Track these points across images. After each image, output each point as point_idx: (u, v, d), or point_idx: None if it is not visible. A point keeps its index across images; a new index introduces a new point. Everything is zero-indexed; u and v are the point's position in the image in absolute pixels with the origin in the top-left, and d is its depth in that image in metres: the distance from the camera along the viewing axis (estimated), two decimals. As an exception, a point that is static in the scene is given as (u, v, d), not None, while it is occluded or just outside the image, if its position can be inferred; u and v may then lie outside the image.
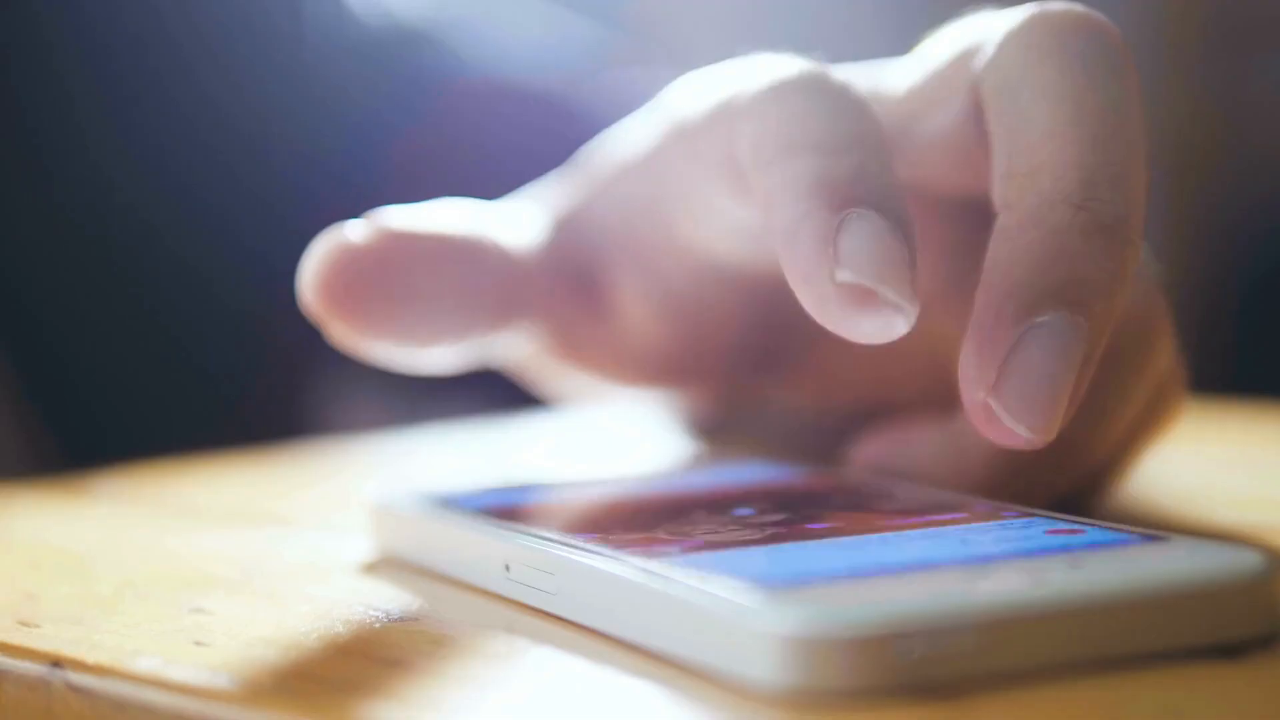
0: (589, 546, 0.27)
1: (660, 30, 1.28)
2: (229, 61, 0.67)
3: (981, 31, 0.31)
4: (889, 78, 0.34)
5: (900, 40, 0.38)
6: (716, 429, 0.42)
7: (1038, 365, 0.27)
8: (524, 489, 0.34)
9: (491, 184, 0.41)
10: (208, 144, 0.66)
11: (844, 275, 0.27)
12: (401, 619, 0.28)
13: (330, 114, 0.68)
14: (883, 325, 0.27)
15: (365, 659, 0.26)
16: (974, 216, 0.33)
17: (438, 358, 0.37)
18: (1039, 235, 0.27)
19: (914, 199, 0.33)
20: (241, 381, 0.67)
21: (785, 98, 0.30)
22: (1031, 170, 0.28)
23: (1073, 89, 0.28)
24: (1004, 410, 0.27)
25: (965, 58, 0.31)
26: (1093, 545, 0.25)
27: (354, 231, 0.35)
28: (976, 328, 0.27)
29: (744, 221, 0.32)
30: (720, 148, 0.32)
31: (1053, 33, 0.29)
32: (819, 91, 0.30)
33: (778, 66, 0.31)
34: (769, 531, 0.28)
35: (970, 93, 0.30)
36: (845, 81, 0.31)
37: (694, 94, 0.34)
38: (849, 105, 0.30)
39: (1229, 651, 0.23)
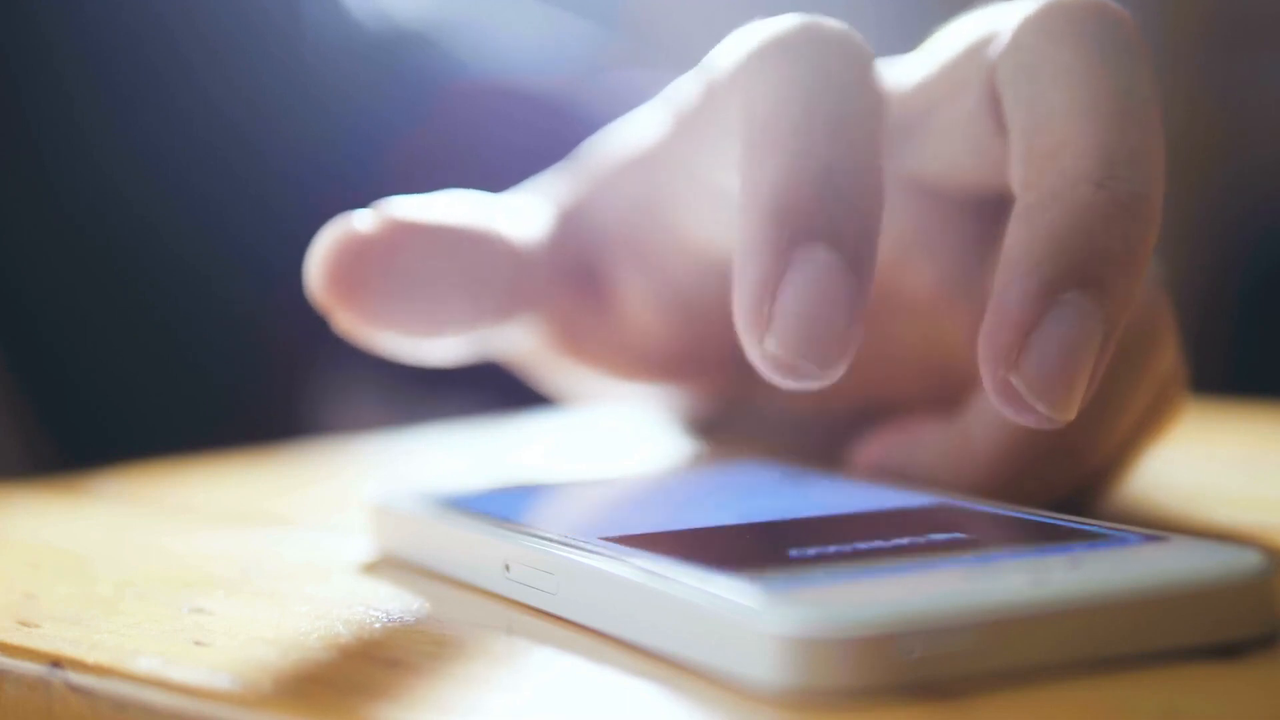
0: (589, 546, 0.27)
1: (659, 31, 1.28)
2: (229, 61, 0.67)
3: (995, 22, 0.31)
4: (898, 73, 0.34)
5: (902, 40, 0.38)
6: (717, 427, 0.42)
7: (1061, 343, 0.26)
8: (524, 489, 0.34)
9: (490, 185, 0.41)
10: (207, 144, 0.66)
11: (770, 347, 0.27)
12: (401, 619, 0.28)
13: (330, 115, 0.68)
14: (807, 385, 0.28)
15: (365, 659, 0.26)
16: (977, 218, 0.33)
17: (442, 349, 0.37)
18: (1060, 213, 0.27)
19: (921, 195, 0.33)
20: (241, 381, 0.67)
21: (774, 61, 0.30)
22: (1052, 150, 0.28)
23: (1091, 71, 0.28)
24: (1026, 388, 0.27)
25: (979, 47, 0.31)
26: (1093, 545, 0.25)
27: (361, 221, 0.35)
28: (997, 305, 0.27)
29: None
30: (715, 115, 0.32)
31: (1069, 18, 0.29)
32: (819, 55, 0.30)
33: (772, 23, 0.31)
34: (769, 531, 0.28)
35: (985, 82, 0.30)
36: (842, 38, 0.31)
37: (694, 83, 0.34)
38: (847, 76, 0.30)
39: (1229, 651, 0.23)
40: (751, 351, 0.28)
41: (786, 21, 0.31)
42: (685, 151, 0.34)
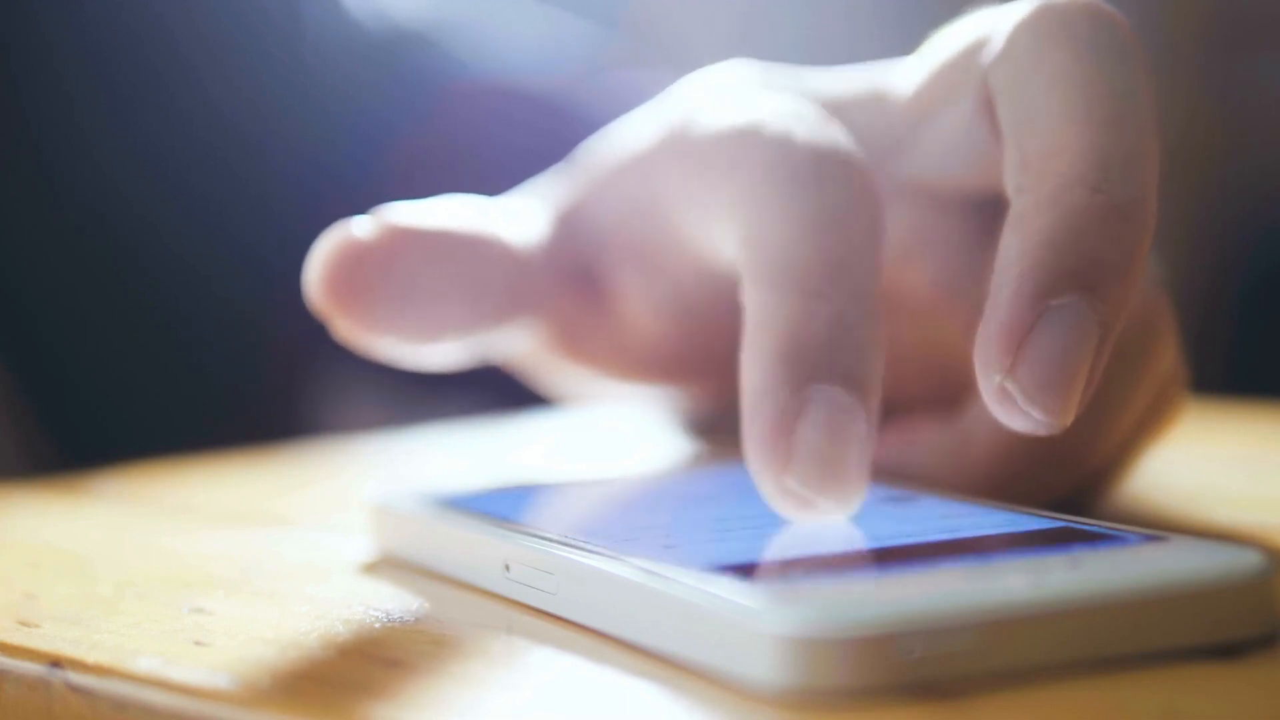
0: (589, 546, 0.27)
1: (658, 31, 1.28)
2: (229, 61, 0.67)
3: (988, 26, 0.31)
4: (893, 79, 0.34)
5: (901, 40, 0.38)
6: (717, 427, 0.42)
7: (1056, 348, 0.26)
8: (524, 489, 0.34)
9: (490, 185, 0.41)
10: (207, 144, 0.66)
11: (790, 484, 0.27)
12: (401, 619, 0.28)
13: (330, 115, 0.68)
14: (825, 517, 0.28)
15: (365, 659, 0.26)
16: (976, 218, 0.33)
17: (441, 354, 0.37)
18: (1055, 217, 0.27)
19: (920, 198, 0.33)
20: (241, 381, 0.67)
21: (786, 193, 0.30)
22: (1047, 154, 0.28)
23: (1085, 75, 0.28)
24: (1021, 394, 0.26)
25: (972, 52, 0.31)
26: (1092, 545, 0.25)
27: (359, 227, 0.35)
28: (992, 310, 0.27)
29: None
30: (717, 183, 0.32)
31: (1063, 22, 0.29)
32: (819, 185, 0.30)
33: (781, 117, 0.31)
34: (769, 531, 0.28)
35: (980, 86, 0.30)
36: (846, 155, 0.30)
37: (691, 102, 0.34)
38: (848, 202, 0.30)
39: (1229, 651, 0.23)
40: (767, 486, 0.28)
41: (782, 128, 0.31)
42: (683, 176, 0.34)
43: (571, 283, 0.38)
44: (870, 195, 0.30)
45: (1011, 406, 0.27)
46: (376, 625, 0.27)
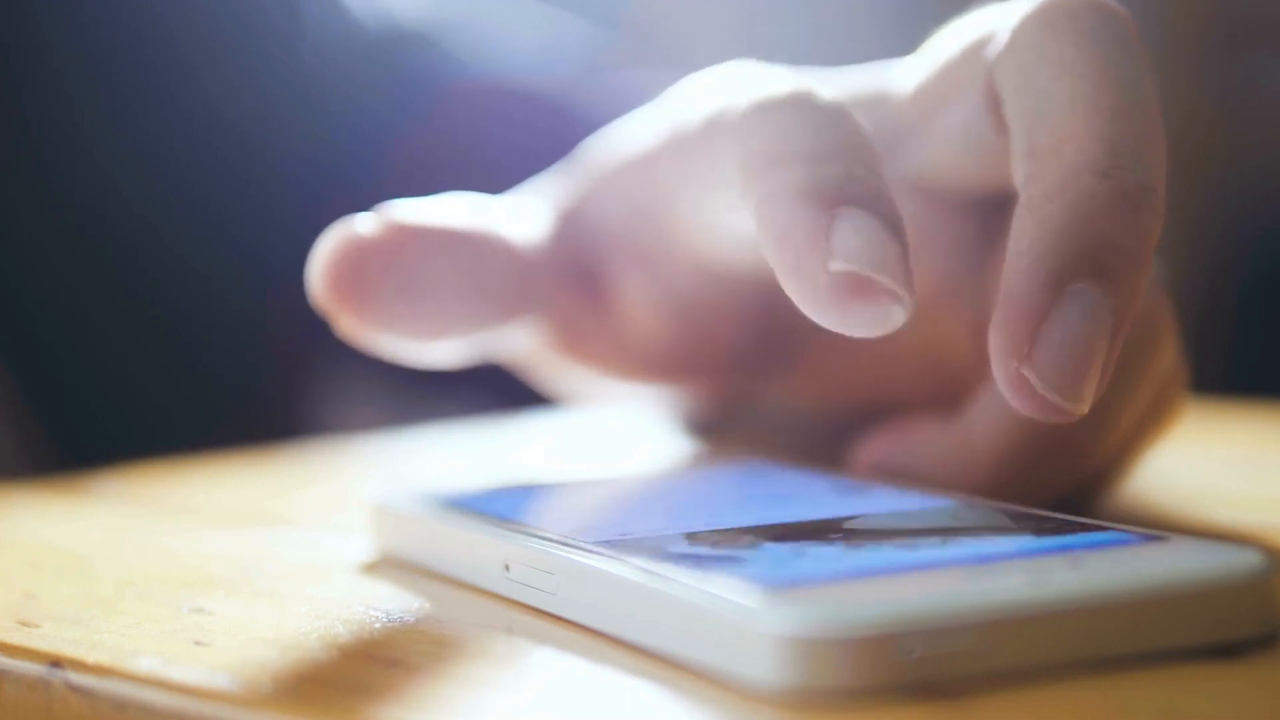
0: (589, 546, 0.27)
1: (658, 32, 1.28)
2: (229, 61, 0.67)
3: (991, 23, 0.31)
4: (896, 78, 0.34)
5: (900, 40, 0.38)
6: (717, 427, 0.42)
7: (1074, 333, 0.26)
8: (524, 489, 0.34)
9: (490, 185, 0.41)
10: (208, 144, 0.66)
11: (837, 265, 0.27)
12: (401, 619, 0.28)
13: (330, 115, 0.68)
14: (879, 315, 0.27)
15: (365, 659, 0.26)
16: (977, 219, 0.33)
17: (444, 352, 0.37)
18: (1066, 204, 0.27)
19: (920, 198, 0.33)
20: (241, 381, 0.67)
21: (772, 114, 0.30)
22: (1055, 143, 0.28)
23: (1091, 65, 0.28)
24: (1039, 380, 0.26)
25: (977, 48, 0.31)
26: (1093, 545, 0.25)
27: (362, 224, 0.35)
28: (1006, 298, 0.27)
29: (742, 227, 0.33)
30: (713, 164, 0.32)
31: (1068, 15, 0.29)
32: (805, 106, 0.30)
33: (766, 81, 0.31)
34: (769, 531, 0.28)
35: (985, 82, 0.30)
36: (833, 95, 0.31)
37: (692, 101, 0.34)
38: (835, 117, 0.30)
39: (1229, 651, 0.23)
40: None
41: (780, 80, 0.31)
42: (683, 172, 0.34)
43: (573, 282, 0.38)
44: (861, 126, 0.30)
45: (1029, 392, 0.27)
46: (376, 625, 0.27)
